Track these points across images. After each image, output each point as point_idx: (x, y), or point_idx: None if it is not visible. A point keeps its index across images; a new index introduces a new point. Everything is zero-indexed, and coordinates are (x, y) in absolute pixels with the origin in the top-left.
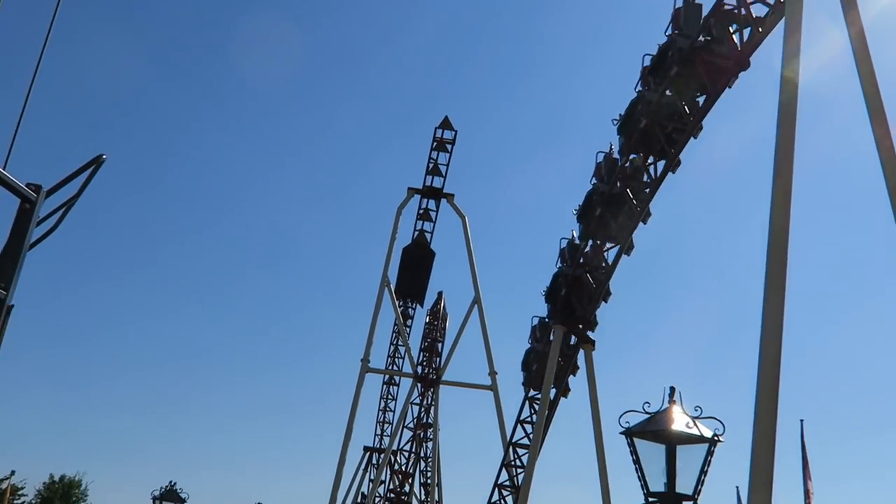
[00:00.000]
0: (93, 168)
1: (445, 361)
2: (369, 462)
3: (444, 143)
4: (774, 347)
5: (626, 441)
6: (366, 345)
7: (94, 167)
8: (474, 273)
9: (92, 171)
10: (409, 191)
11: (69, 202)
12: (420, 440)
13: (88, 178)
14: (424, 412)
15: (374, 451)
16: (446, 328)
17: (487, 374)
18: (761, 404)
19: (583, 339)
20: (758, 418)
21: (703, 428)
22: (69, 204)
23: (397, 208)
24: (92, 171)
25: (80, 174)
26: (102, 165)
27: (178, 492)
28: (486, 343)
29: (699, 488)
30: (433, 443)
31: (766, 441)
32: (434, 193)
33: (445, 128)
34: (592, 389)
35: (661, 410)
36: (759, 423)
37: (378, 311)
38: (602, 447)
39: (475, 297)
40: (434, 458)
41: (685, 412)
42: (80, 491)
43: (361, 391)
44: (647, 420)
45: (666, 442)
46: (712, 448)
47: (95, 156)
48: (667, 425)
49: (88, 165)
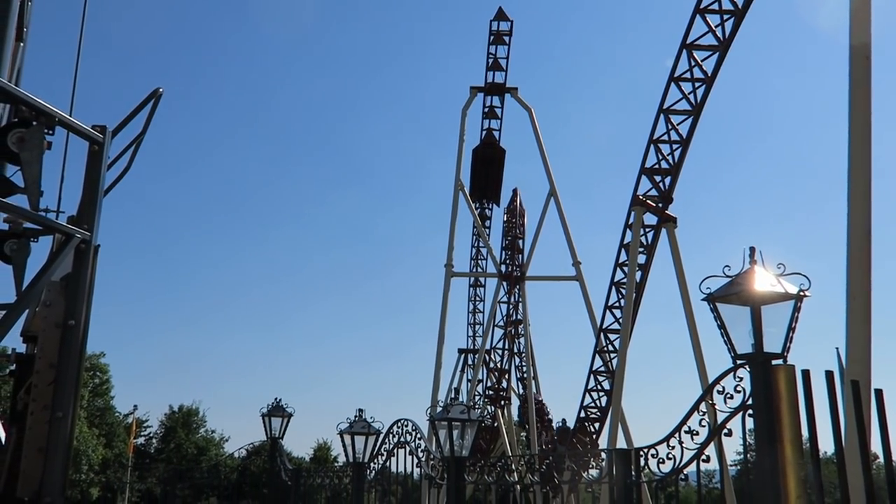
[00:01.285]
0: (152, 103)
1: (528, 257)
2: (465, 363)
3: (501, 34)
4: (863, 192)
5: (709, 307)
6: (448, 249)
7: (154, 102)
8: (547, 165)
9: (152, 106)
10: (471, 90)
11: (136, 139)
12: (511, 337)
13: (150, 113)
14: (513, 309)
15: (469, 352)
16: (525, 224)
17: (571, 264)
18: (853, 255)
19: (664, 218)
20: (850, 272)
21: (788, 285)
22: (137, 141)
23: (462, 109)
24: (152, 106)
25: (140, 110)
26: (161, 99)
27: (283, 407)
28: (566, 234)
29: (788, 346)
30: (524, 338)
31: (861, 293)
32: (497, 89)
33: (501, 19)
34: (678, 265)
35: (743, 272)
36: (851, 276)
37: (455, 215)
38: (693, 321)
39: (550, 190)
40: (527, 352)
41: (768, 271)
42: (198, 417)
43: (449, 296)
44: (728, 283)
45: (750, 303)
46: (798, 304)
47: (152, 90)
48: (749, 286)
49: (147, 101)
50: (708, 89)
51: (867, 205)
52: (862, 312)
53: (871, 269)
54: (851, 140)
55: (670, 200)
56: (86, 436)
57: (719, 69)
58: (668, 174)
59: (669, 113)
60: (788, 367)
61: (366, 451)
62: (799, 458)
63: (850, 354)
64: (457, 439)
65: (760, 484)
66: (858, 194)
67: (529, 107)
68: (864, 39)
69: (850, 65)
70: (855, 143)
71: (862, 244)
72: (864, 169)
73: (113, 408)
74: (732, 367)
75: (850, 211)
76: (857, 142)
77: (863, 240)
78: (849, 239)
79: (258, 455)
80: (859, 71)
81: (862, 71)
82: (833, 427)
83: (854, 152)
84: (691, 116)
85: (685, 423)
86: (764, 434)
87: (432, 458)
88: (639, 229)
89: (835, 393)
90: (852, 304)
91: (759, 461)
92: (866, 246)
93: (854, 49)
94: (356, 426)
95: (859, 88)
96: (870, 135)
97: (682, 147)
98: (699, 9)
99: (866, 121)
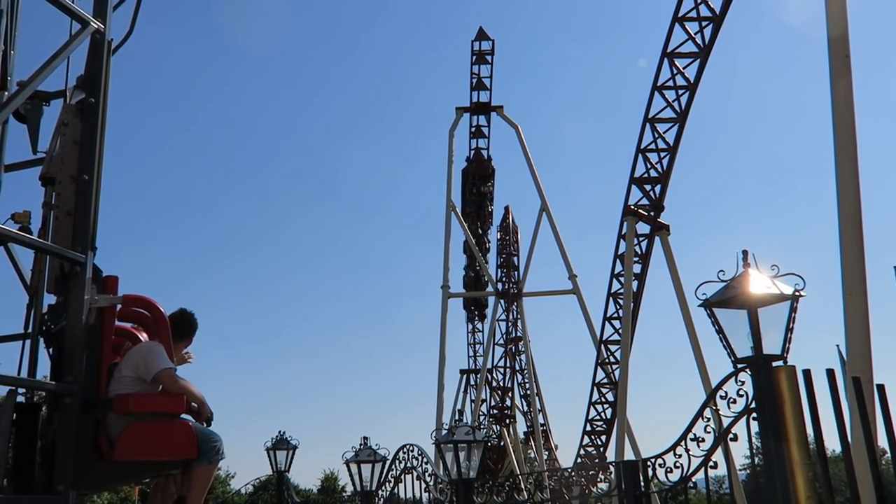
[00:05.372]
0: None
1: (524, 273)
2: (467, 384)
3: (484, 54)
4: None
5: (706, 313)
6: (443, 271)
7: None
8: (537, 181)
9: None
10: (457, 111)
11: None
12: (512, 354)
13: None
14: (512, 326)
15: (470, 372)
16: (519, 241)
17: (567, 278)
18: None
19: (657, 226)
20: (844, 267)
21: (783, 286)
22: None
23: (449, 130)
24: None
25: None
26: None
27: (288, 440)
28: (560, 248)
29: (787, 346)
30: (525, 355)
31: (857, 289)
32: (483, 108)
33: (482, 39)
34: (674, 272)
35: (737, 276)
36: (846, 271)
37: (449, 235)
38: (693, 327)
39: (542, 205)
40: (529, 369)
41: (762, 273)
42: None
43: (447, 316)
44: (724, 288)
45: (746, 306)
46: (795, 304)
47: None
48: (744, 289)
49: None
50: (692, 96)
51: (856, 199)
52: (859, 308)
53: (865, 264)
54: (836, 133)
55: (662, 208)
56: None
57: (701, 75)
58: (658, 182)
59: (655, 122)
60: (789, 368)
61: (373, 479)
62: (806, 457)
63: (850, 350)
64: (464, 461)
65: (769, 486)
66: (847, 188)
67: (516, 124)
68: (842, 31)
69: (829, 57)
70: (840, 136)
71: (854, 239)
72: (851, 163)
73: None
74: (734, 372)
75: (839, 205)
76: (842, 135)
77: (855, 234)
78: (841, 234)
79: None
80: (838, 63)
81: (841, 63)
82: (838, 425)
83: (840, 146)
84: (677, 124)
85: (690, 431)
86: (770, 436)
87: (440, 482)
88: (632, 239)
89: (837, 390)
90: (849, 300)
91: (767, 463)
92: (859, 241)
93: (832, 41)
94: (362, 454)
95: (840, 80)
96: (854, 127)
97: (670, 155)
98: (678, 17)
99: (849, 113)
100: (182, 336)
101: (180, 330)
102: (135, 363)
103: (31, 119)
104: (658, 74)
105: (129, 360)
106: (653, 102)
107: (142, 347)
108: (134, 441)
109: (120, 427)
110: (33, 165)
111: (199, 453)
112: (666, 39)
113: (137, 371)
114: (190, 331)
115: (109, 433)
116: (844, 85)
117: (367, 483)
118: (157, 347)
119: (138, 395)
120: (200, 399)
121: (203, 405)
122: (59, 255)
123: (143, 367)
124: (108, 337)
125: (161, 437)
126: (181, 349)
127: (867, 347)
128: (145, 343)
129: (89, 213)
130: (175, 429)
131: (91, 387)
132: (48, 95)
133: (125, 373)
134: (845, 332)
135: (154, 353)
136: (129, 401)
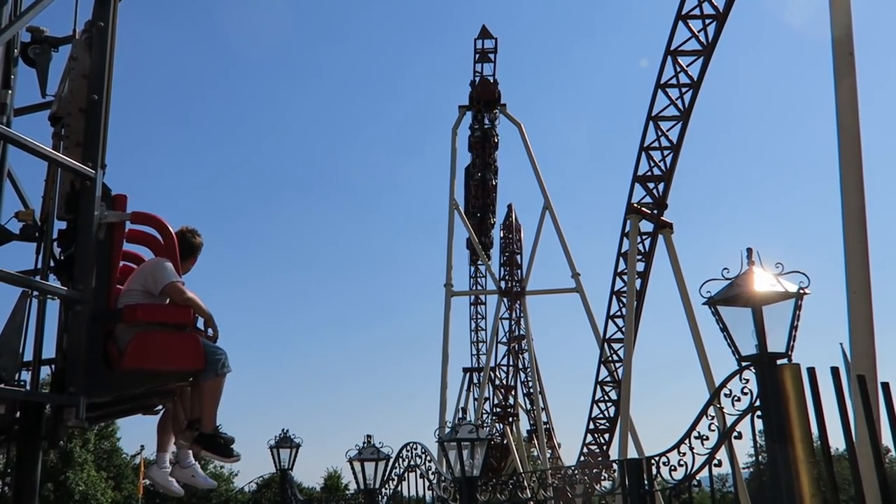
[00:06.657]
0: None
1: (527, 272)
2: (471, 382)
3: (487, 52)
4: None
5: (710, 311)
6: (446, 269)
7: None
8: (540, 179)
9: None
10: (460, 109)
11: None
12: (515, 353)
13: None
14: (515, 325)
15: (473, 370)
16: (522, 239)
17: (570, 276)
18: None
19: (660, 224)
20: (849, 266)
21: (787, 284)
22: None
23: (452, 129)
24: None
25: None
26: None
27: (291, 438)
28: (563, 247)
29: (791, 344)
30: (528, 353)
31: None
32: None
33: (485, 37)
34: (677, 270)
35: (742, 274)
36: (850, 270)
37: (452, 234)
38: (696, 325)
39: (545, 203)
40: (532, 367)
41: (766, 271)
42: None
43: (451, 315)
44: (728, 286)
45: (751, 304)
46: (799, 302)
47: None
48: (749, 287)
49: None
50: (695, 94)
51: (860, 197)
52: (864, 306)
53: (869, 262)
54: (840, 132)
55: (665, 206)
56: (94, 479)
57: (705, 73)
58: (662, 180)
59: (658, 120)
60: (794, 367)
61: (376, 478)
62: (811, 456)
63: (854, 349)
64: (467, 459)
65: (774, 484)
66: (851, 187)
67: (519, 122)
68: (846, 30)
69: (833, 56)
70: (844, 134)
71: (859, 237)
72: (855, 162)
73: (120, 449)
74: (738, 370)
75: (843, 204)
76: (846, 134)
77: (859, 233)
78: (845, 233)
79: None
80: (842, 62)
81: (845, 62)
82: (842, 423)
83: (844, 144)
84: (680, 122)
85: (694, 429)
86: (774, 434)
87: (444, 480)
88: (636, 237)
89: (841, 389)
90: (853, 299)
91: (771, 462)
92: (863, 239)
93: (836, 40)
94: (365, 452)
95: (844, 79)
96: (858, 126)
97: (673, 153)
98: (681, 15)
99: (853, 112)
100: (188, 254)
101: (187, 247)
102: (143, 277)
103: (39, 63)
104: (661, 72)
105: (139, 275)
106: (656, 100)
107: (150, 263)
108: (142, 350)
109: (128, 336)
110: (43, 109)
111: (206, 365)
112: (669, 37)
113: (146, 285)
114: (195, 248)
115: (118, 343)
116: (848, 84)
117: (371, 481)
118: (165, 262)
119: (147, 305)
120: (208, 315)
121: (210, 320)
122: (71, 168)
123: (152, 281)
124: (117, 252)
125: (168, 347)
126: (188, 267)
127: (871, 346)
128: (154, 259)
129: (99, 132)
130: (182, 339)
131: (101, 299)
132: (57, 41)
133: (134, 286)
134: (849, 330)
135: (162, 267)
136: (138, 310)
